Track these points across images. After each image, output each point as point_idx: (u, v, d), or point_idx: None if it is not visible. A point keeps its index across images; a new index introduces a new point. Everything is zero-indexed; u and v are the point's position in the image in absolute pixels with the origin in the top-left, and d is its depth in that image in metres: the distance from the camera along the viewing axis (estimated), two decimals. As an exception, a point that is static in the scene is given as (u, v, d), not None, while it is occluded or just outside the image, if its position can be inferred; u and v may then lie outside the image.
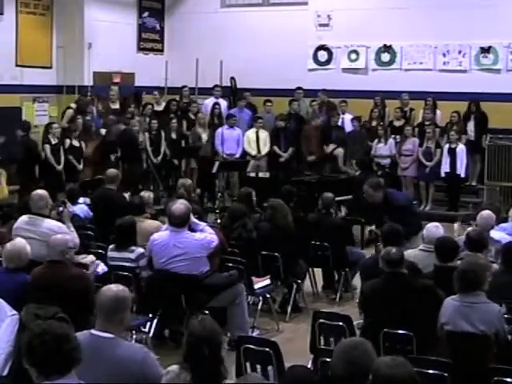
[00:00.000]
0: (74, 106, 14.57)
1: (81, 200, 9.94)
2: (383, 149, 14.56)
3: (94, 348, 4.00)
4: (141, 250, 7.47)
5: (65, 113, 14.51)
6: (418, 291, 5.83)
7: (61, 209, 7.90)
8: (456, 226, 8.00)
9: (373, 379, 3.69)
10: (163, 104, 15.97)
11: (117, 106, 15.29)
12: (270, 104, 15.63)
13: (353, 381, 3.74)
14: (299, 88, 15.65)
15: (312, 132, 14.87)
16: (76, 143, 13.69)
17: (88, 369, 3.64)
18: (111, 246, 7.59)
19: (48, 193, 7.91)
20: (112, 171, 10.45)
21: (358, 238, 11.02)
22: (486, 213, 7.74)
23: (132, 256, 7.41)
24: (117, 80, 16.40)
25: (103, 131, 14.34)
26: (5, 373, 5.16)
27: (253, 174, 14.17)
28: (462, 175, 13.99)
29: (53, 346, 3.49)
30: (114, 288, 4.47)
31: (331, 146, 14.78)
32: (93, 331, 4.29)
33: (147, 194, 9.17)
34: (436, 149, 14.17)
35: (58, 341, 3.50)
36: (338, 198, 10.49)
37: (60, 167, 13.35)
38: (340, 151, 14.69)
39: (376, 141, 14.62)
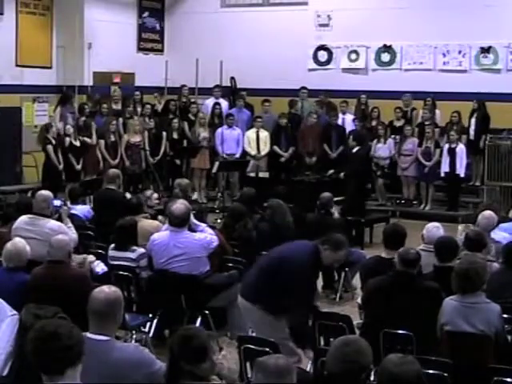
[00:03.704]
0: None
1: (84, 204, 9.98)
2: (382, 149, 14.56)
3: (90, 352, 3.99)
4: (142, 250, 7.46)
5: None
6: (423, 293, 5.82)
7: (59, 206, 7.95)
8: (460, 227, 7.98)
9: (380, 377, 3.70)
10: (162, 104, 16.01)
11: (119, 106, 15.30)
12: (267, 104, 15.61)
13: (345, 377, 3.74)
14: (304, 88, 15.63)
15: (307, 132, 14.84)
16: (76, 143, 13.73)
17: (84, 373, 3.62)
18: (112, 246, 7.59)
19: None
20: (112, 171, 10.47)
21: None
22: (488, 213, 7.73)
23: (133, 256, 7.40)
24: (117, 80, 16.40)
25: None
26: (5, 373, 5.16)
27: (253, 174, 14.17)
28: (462, 175, 13.98)
29: (40, 344, 3.49)
30: (106, 289, 4.45)
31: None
32: (88, 334, 4.27)
33: (154, 195, 9.13)
34: (435, 149, 14.17)
35: (45, 339, 3.48)
36: (336, 198, 10.47)
37: (61, 167, 13.40)
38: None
39: (375, 141, 14.62)
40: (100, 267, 7.35)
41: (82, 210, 9.66)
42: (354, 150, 12.83)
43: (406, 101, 15.04)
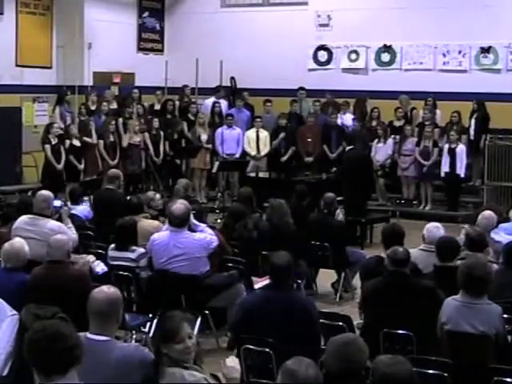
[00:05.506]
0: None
1: (84, 204, 9.98)
2: (383, 149, 14.56)
3: (91, 352, 4.00)
4: (142, 250, 7.47)
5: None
6: (418, 292, 5.82)
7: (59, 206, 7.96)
8: (464, 230, 7.94)
9: (372, 378, 3.70)
10: (160, 103, 16.03)
11: (114, 105, 15.30)
12: (269, 104, 15.60)
13: (347, 377, 3.75)
14: (302, 88, 15.64)
15: (307, 132, 14.84)
16: (77, 143, 13.74)
17: (85, 373, 3.62)
18: (111, 246, 7.59)
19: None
20: (112, 171, 10.47)
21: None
22: (488, 213, 7.72)
23: (133, 256, 7.40)
24: (117, 80, 16.41)
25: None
26: (5, 373, 5.16)
27: (253, 174, 14.17)
28: (462, 175, 13.97)
29: (44, 344, 3.47)
30: (106, 290, 4.45)
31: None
32: (88, 335, 4.27)
33: (157, 196, 9.15)
34: (433, 148, 14.16)
35: (50, 339, 3.47)
36: (338, 198, 10.48)
37: (60, 167, 13.39)
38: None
39: (376, 141, 14.61)
40: (100, 267, 7.35)
41: (82, 210, 9.65)
42: (346, 150, 12.95)
43: (403, 101, 15.02)
